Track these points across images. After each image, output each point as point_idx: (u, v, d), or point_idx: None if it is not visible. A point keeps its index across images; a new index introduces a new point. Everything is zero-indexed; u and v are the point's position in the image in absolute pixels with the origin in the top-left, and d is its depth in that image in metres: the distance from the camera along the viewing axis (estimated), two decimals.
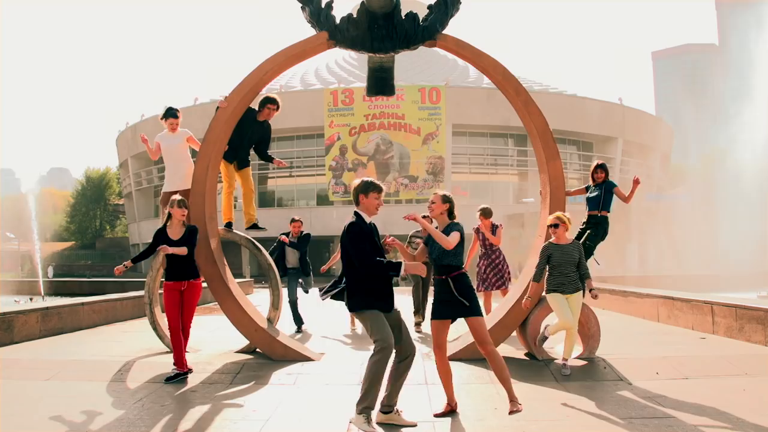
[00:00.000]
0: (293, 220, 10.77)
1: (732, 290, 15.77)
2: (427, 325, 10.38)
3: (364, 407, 5.03)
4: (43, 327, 9.84)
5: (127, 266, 6.91)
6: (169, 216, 7.13)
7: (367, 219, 5.39)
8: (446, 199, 5.64)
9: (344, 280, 5.50)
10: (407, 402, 5.93)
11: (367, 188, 5.40)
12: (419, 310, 10.53)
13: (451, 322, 5.60)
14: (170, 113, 8.55)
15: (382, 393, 5.18)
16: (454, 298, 5.39)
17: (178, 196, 7.26)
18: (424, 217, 6.22)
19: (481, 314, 5.45)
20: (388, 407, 5.26)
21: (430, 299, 5.72)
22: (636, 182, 7.97)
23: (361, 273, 5.24)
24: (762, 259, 25.95)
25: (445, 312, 5.48)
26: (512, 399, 5.23)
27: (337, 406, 5.68)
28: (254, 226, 9.09)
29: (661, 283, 18.17)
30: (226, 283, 7.85)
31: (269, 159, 9.07)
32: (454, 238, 5.40)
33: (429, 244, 5.66)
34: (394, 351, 5.17)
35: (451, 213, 5.66)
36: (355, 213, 5.39)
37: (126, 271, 6.90)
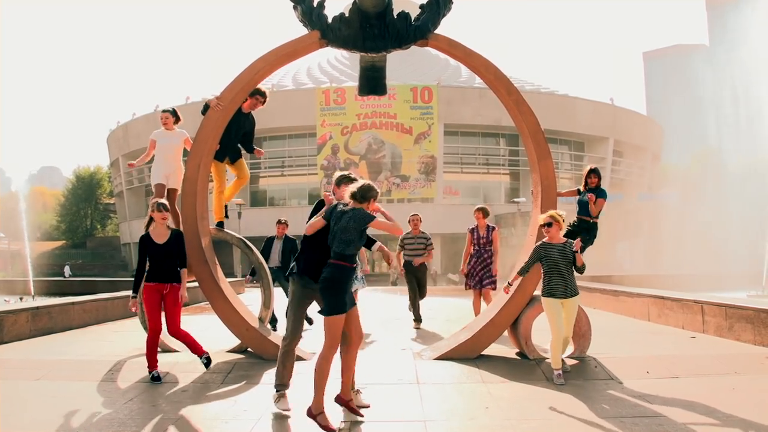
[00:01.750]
0: (279, 222, 10.62)
1: (722, 289, 15.85)
2: (430, 325, 10.45)
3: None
4: (33, 327, 9.79)
5: (136, 303, 7.14)
6: (151, 220, 7.04)
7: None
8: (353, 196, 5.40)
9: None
10: (399, 401, 5.95)
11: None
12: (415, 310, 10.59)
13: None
14: (171, 111, 8.67)
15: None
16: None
17: (158, 200, 7.19)
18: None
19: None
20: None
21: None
22: (590, 199, 8.15)
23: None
24: (752, 258, 26.09)
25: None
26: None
27: (328, 405, 5.67)
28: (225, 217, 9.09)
29: (651, 283, 18.25)
30: (217, 283, 7.83)
31: (251, 150, 9.05)
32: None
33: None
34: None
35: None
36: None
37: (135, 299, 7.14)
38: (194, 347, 6.99)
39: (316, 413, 5.18)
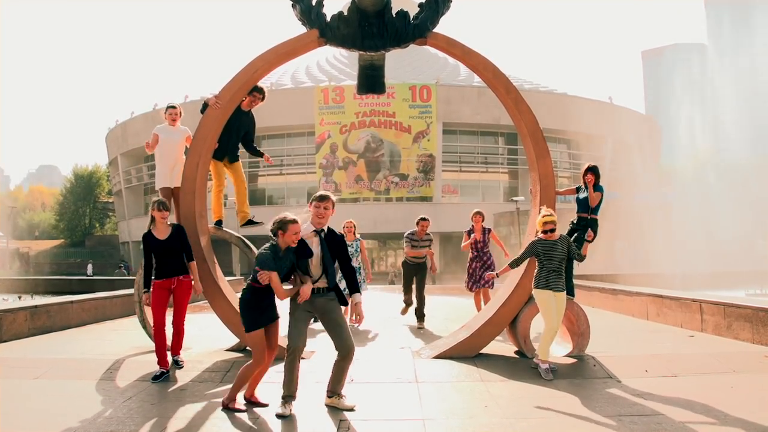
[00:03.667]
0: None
1: (720, 288, 15.86)
2: (429, 324, 10.45)
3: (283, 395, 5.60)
4: (31, 325, 9.78)
5: (148, 297, 7.10)
6: (153, 218, 7.12)
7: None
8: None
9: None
10: (398, 400, 5.95)
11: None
12: (408, 304, 10.62)
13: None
14: (171, 105, 8.56)
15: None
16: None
17: (158, 199, 7.27)
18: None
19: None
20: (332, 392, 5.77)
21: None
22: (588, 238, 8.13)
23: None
24: (750, 257, 26.12)
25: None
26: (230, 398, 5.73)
27: (323, 409, 5.68)
28: (250, 222, 9.06)
29: (650, 282, 18.25)
30: (216, 281, 7.82)
31: (259, 154, 9.03)
32: None
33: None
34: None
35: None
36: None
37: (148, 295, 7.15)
38: (178, 345, 7.34)
39: (227, 402, 5.68)
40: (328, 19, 7.74)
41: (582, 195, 8.31)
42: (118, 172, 62.40)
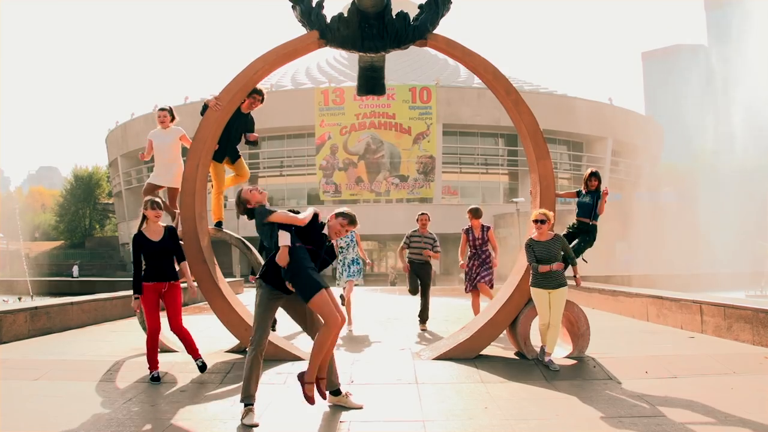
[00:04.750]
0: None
1: (720, 289, 15.86)
2: (429, 325, 10.44)
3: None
4: (31, 326, 9.78)
5: (139, 303, 6.97)
6: (144, 218, 6.96)
7: None
8: None
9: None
10: (398, 401, 5.95)
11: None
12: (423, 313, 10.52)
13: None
14: (168, 109, 8.64)
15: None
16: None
17: (150, 197, 7.16)
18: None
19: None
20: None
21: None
22: (605, 193, 8.22)
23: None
24: (750, 258, 26.10)
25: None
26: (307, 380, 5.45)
27: (326, 405, 5.68)
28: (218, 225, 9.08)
29: (650, 283, 18.24)
30: (216, 283, 7.81)
31: (247, 141, 9.00)
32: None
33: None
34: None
35: None
36: None
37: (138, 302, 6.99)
38: (191, 348, 7.04)
39: (307, 380, 5.45)
40: (328, 20, 7.74)
41: (584, 200, 8.32)
42: (118, 173, 62.44)
